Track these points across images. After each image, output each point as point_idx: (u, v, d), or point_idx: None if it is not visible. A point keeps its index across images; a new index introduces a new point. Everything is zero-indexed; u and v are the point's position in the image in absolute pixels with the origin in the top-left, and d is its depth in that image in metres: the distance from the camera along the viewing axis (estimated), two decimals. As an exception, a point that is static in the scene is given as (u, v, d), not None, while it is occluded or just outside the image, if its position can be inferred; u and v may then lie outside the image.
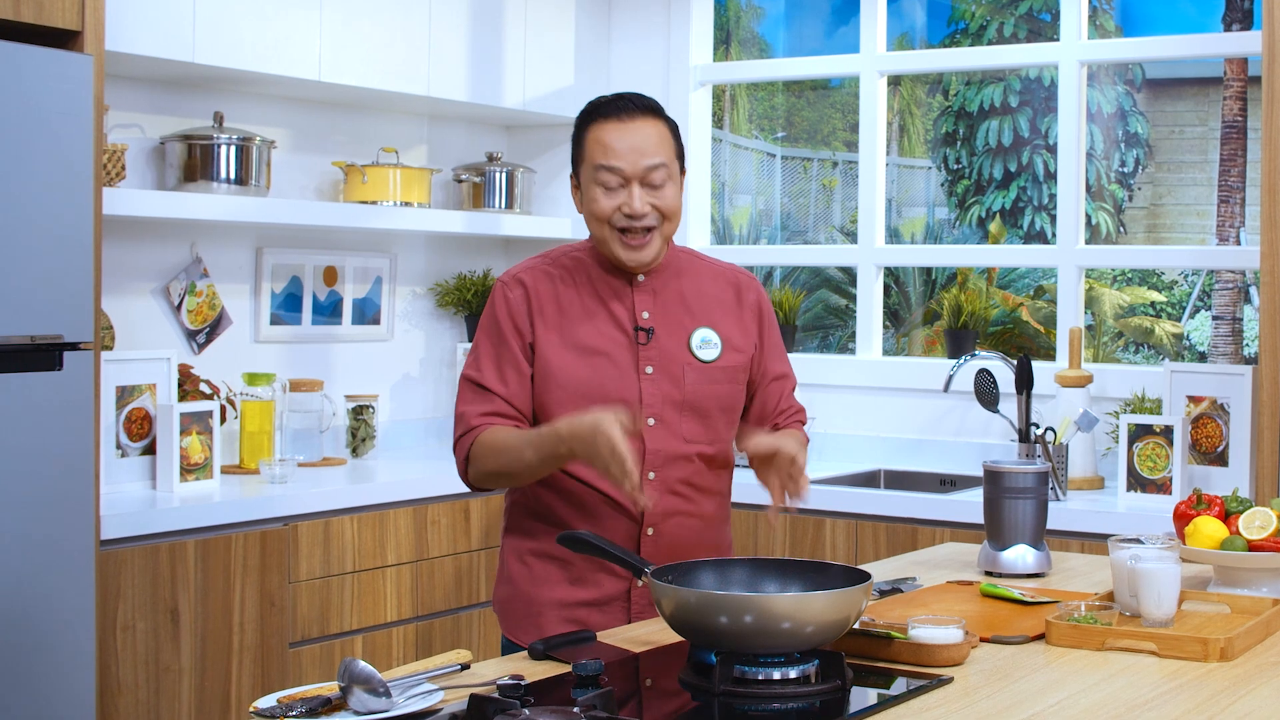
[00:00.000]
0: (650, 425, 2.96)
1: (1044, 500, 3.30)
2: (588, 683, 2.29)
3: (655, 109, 3.01)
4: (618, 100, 2.99)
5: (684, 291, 3.06)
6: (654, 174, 2.93)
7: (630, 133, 2.94)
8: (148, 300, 4.84)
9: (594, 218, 2.96)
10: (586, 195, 2.97)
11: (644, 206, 2.93)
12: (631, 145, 2.93)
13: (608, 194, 2.93)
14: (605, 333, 2.98)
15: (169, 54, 4.49)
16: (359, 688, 2.21)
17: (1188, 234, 10.39)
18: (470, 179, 5.64)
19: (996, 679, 2.46)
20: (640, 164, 2.92)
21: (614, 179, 2.92)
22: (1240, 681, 2.47)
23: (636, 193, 2.92)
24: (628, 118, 2.95)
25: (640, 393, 2.96)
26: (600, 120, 2.96)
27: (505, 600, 3.07)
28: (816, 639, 2.36)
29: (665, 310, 3.03)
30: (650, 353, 2.99)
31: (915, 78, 10.70)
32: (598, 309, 3.00)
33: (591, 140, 2.96)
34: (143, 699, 4.02)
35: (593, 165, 2.94)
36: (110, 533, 3.94)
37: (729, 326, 3.07)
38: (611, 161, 2.92)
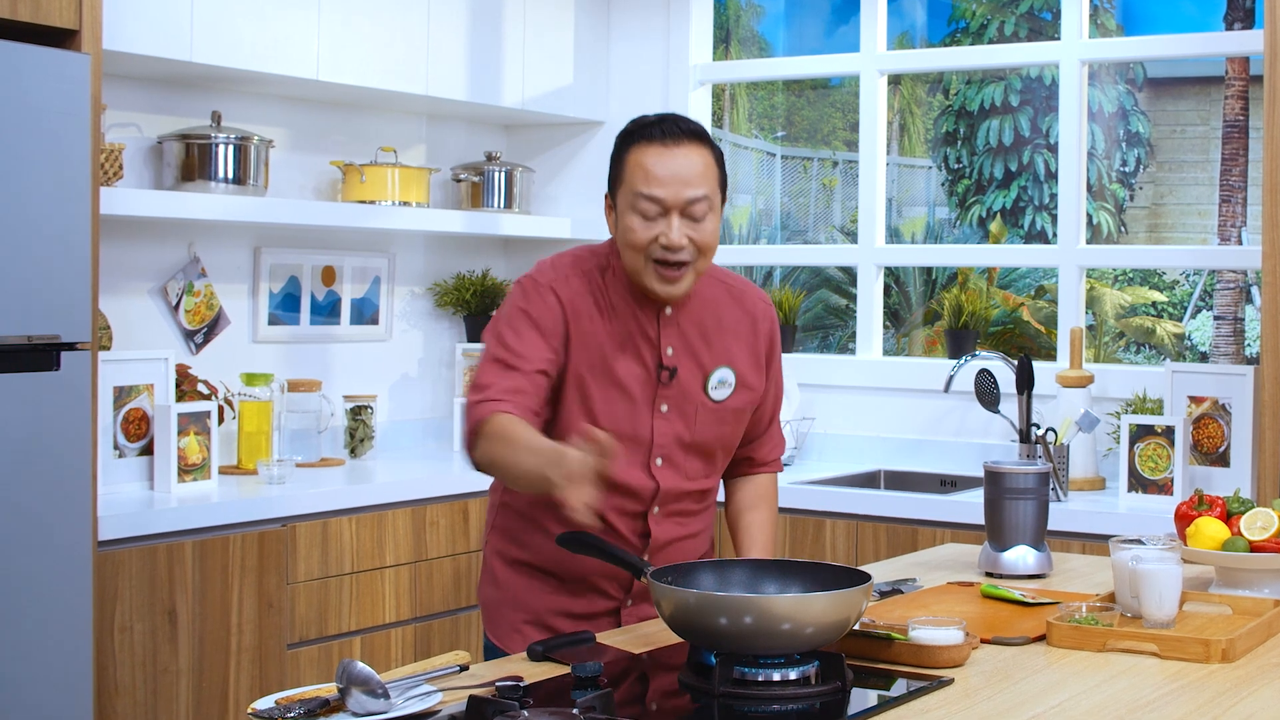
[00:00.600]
0: (658, 465, 2.92)
1: (1045, 501, 3.30)
2: (587, 684, 2.29)
3: (701, 134, 2.87)
4: (662, 123, 2.85)
5: (706, 324, 2.96)
6: (695, 206, 2.80)
7: (674, 159, 2.80)
8: (145, 300, 4.83)
9: (629, 246, 2.83)
10: (623, 222, 2.84)
11: (682, 239, 2.80)
12: (674, 173, 2.79)
13: (646, 223, 2.80)
14: (629, 368, 2.88)
15: (166, 53, 4.48)
16: (357, 689, 2.20)
17: (1189, 234, 10.38)
18: (469, 178, 5.64)
19: (997, 680, 2.46)
20: (682, 195, 2.79)
21: (653, 208, 2.79)
22: (1242, 683, 2.47)
23: (675, 224, 2.79)
24: (672, 143, 2.81)
25: (653, 431, 2.90)
26: (643, 143, 2.83)
27: (493, 604, 3.03)
28: (816, 640, 2.36)
29: (688, 346, 2.93)
30: (669, 391, 2.92)
31: (916, 77, 10.69)
32: (626, 341, 2.89)
33: (633, 164, 2.82)
34: (140, 700, 4.01)
35: (632, 191, 2.81)
36: (108, 533, 3.93)
37: (744, 363, 3.01)
38: (653, 190, 2.79)
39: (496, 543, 3.03)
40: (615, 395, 2.88)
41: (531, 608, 2.95)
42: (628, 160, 2.83)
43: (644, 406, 2.90)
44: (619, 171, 2.86)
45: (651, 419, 2.90)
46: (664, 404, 2.91)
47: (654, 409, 2.91)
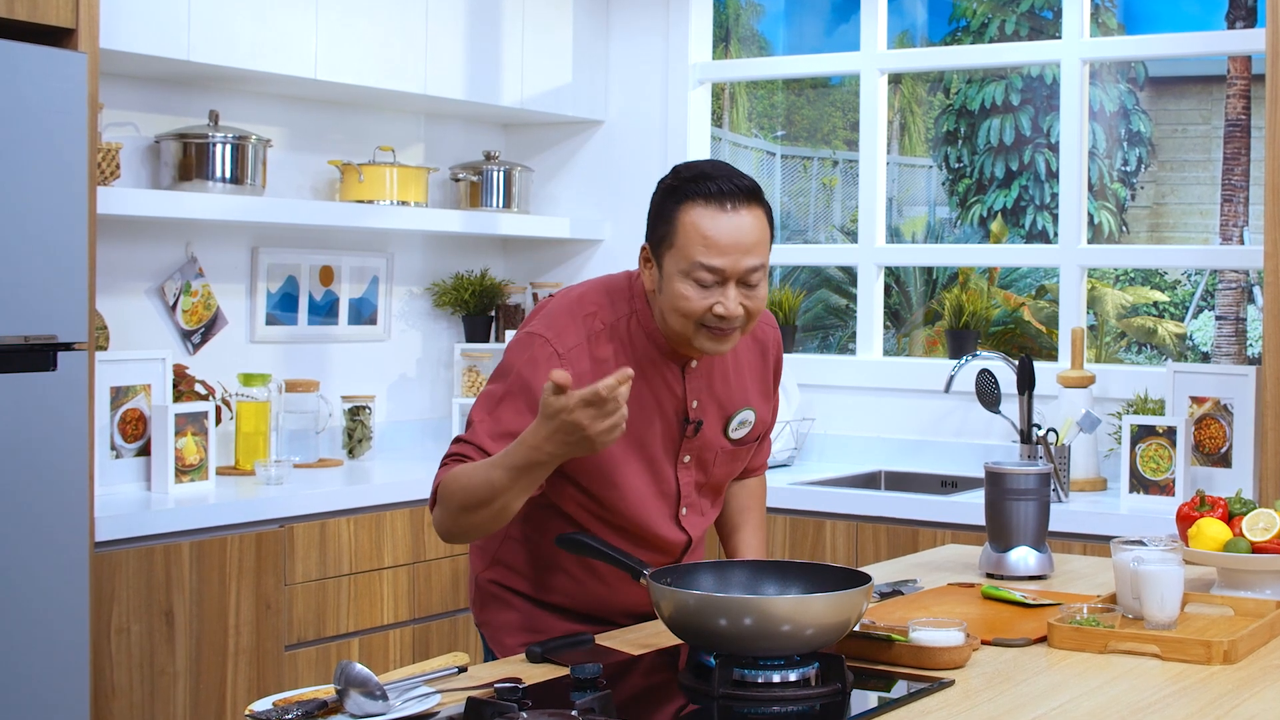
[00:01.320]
0: (684, 515, 2.88)
1: (1046, 502, 3.29)
2: (586, 685, 2.27)
3: (758, 194, 2.72)
4: (717, 179, 2.67)
5: (726, 368, 2.89)
6: (752, 275, 2.67)
7: (734, 226, 2.64)
8: (142, 300, 4.82)
9: (680, 313, 2.67)
10: (674, 288, 2.66)
11: (738, 309, 2.67)
12: (735, 241, 2.63)
13: (701, 292, 2.65)
14: (650, 421, 2.78)
15: (164, 52, 4.47)
16: (355, 691, 2.19)
17: (1191, 233, 10.37)
18: (467, 178, 5.63)
19: (998, 682, 2.46)
20: (742, 264, 2.65)
21: (711, 278, 2.64)
22: (1244, 684, 2.46)
23: (732, 295, 2.66)
24: (731, 207, 2.65)
25: (677, 483, 2.86)
26: (700, 203, 2.65)
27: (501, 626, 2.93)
28: (816, 641, 2.35)
29: (711, 396, 2.86)
30: (693, 444, 2.85)
31: (916, 76, 10.69)
32: (647, 393, 2.77)
33: (689, 226, 2.65)
34: (137, 702, 4.00)
35: (688, 259, 2.64)
36: (104, 534, 3.93)
37: (758, 398, 2.96)
38: (713, 261, 2.63)
39: (501, 575, 2.94)
40: (637, 457, 2.79)
41: (549, 629, 2.87)
42: (680, 221, 2.66)
43: (668, 463, 2.84)
44: (668, 231, 2.68)
45: (676, 472, 2.85)
46: (686, 455, 2.86)
47: (677, 462, 2.85)
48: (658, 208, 2.72)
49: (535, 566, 2.90)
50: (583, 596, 2.89)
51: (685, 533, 2.88)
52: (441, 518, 2.66)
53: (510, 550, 2.93)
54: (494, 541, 2.94)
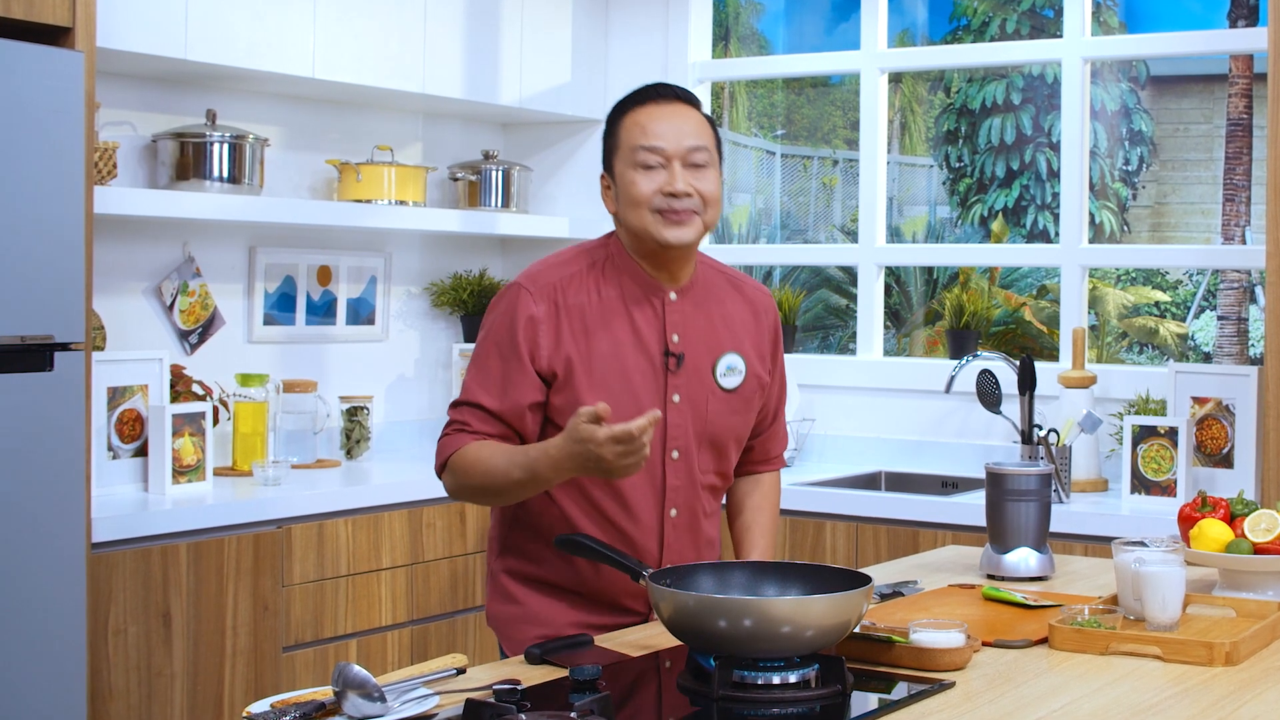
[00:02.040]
0: (674, 459, 2.88)
1: (1047, 502, 3.29)
2: (585, 687, 2.28)
3: (694, 99, 2.91)
4: (656, 86, 2.88)
5: (712, 313, 2.94)
6: (696, 154, 2.82)
7: (671, 115, 2.83)
8: (139, 300, 4.81)
9: (632, 203, 2.81)
10: (623, 181, 2.83)
11: (686, 186, 2.80)
12: (672, 124, 2.81)
13: (648, 174, 2.80)
14: (633, 359, 2.84)
15: (161, 51, 4.47)
16: (353, 693, 2.19)
17: (1192, 233, 10.36)
18: (466, 177, 5.62)
19: (999, 684, 2.45)
20: (683, 143, 2.81)
21: (654, 158, 2.80)
22: (1246, 686, 2.45)
23: (679, 170, 2.80)
24: (666, 102, 2.85)
25: (665, 423, 2.85)
26: (637, 105, 2.86)
27: (511, 620, 2.95)
28: (816, 643, 2.35)
29: (694, 333, 2.90)
30: (678, 380, 2.87)
31: (916, 75, 10.69)
32: (628, 332, 2.85)
33: (628, 124, 2.84)
34: (134, 704, 3.99)
35: (630, 148, 2.82)
36: (101, 535, 3.92)
37: (751, 352, 2.98)
38: (652, 141, 2.80)
39: (510, 562, 2.96)
40: (621, 389, 2.82)
41: (553, 622, 2.88)
42: (623, 124, 2.85)
43: (655, 398, 2.85)
44: (614, 140, 2.86)
45: (665, 410, 2.85)
46: (675, 394, 2.87)
47: (666, 399, 2.86)
48: (606, 130, 2.90)
49: (538, 544, 2.91)
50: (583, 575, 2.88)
51: (664, 475, 2.86)
52: (453, 486, 2.83)
53: (518, 536, 2.95)
54: (503, 529, 2.97)
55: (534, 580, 2.92)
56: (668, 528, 2.89)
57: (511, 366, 2.80)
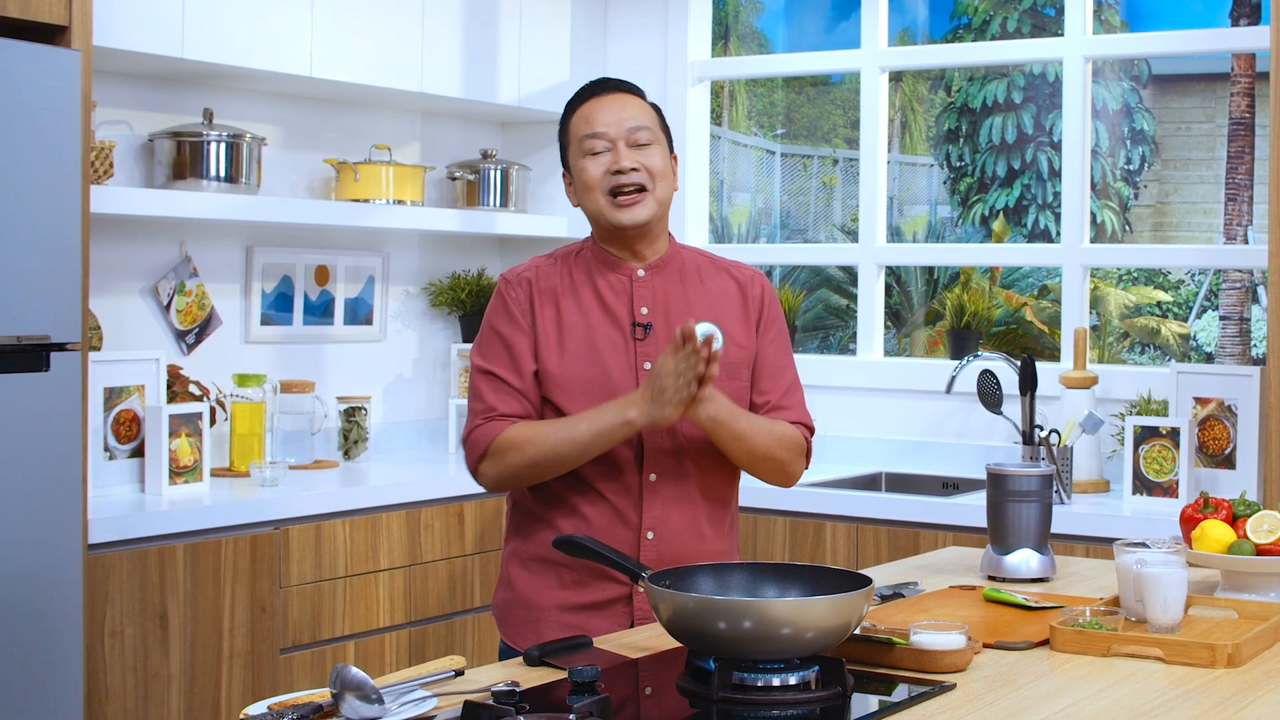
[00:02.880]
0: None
1: (1048, 503, 3.29)
2: (584, 689, 2.27)
3: (636, 89, 3.09)
4: (598, 81, 3.08)
5: (686, 287, 3.05)
6: (638, 134, 2.98)
7: (611, 103, 3.01)
8: (136, 300, 4.81)
9: (585, 188, 2.99)
10: (576, 170, 3.01)
11: (632, 163, 2.96)
12: (612, 110, 2.99)
13: (595, 159, 2.97)
14: (601, 329, 2.97)
15: (158, 49, 4.46)
16: (351, 694, 2.18)
17: (1194, 232, 10.34)
18: (464, 177, 5.61)
19: (1000, 685, 2.44)
20: (624, 126, 2.98)
21: (599, 143, 2.97)
22: (1248, 688, 2.45)
23: (623, 150, 2.96)
24: (606, 93, 3.03)
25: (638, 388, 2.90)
26: (580, 102, 3.04)
27: (504, 605, 3.06)
28: (817, 645, 2.34)
29: (665, 306, 3.01)
30: (648, 348, 2.96)
31: (917, 73, 10.67)
32: (595, 305, 2.99)
33: (575, 120, 3.02)
34: (131, 706, 3.99)
35: (578, 139, 3.00)
36: (98, 536, 3.92)
37: (731, 321, 3.03)
38: (595, 129, 2.97)
39: (512, 546, 3.07)
40: (590, 359, 2.95)
41: (540, 604, 2.98)
42: (571, 121, 3.03)
43: (625, 367, 2.95)
44: (566, 136, 3.05)
45: (637, 379, 2.95)
46: (646, 362, 2.97)
47: (637, 368, 2.96)
48: (559, 133, 3.09)
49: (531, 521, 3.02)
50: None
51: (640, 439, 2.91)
52: (497, 472, 2.94)
53: (518, 518, 3.07)
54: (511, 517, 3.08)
55: (531, 559, 3.00)
56: (647, 492, 2.94)
57: (513, 338, 2.97)
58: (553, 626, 2.94)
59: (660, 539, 2.93)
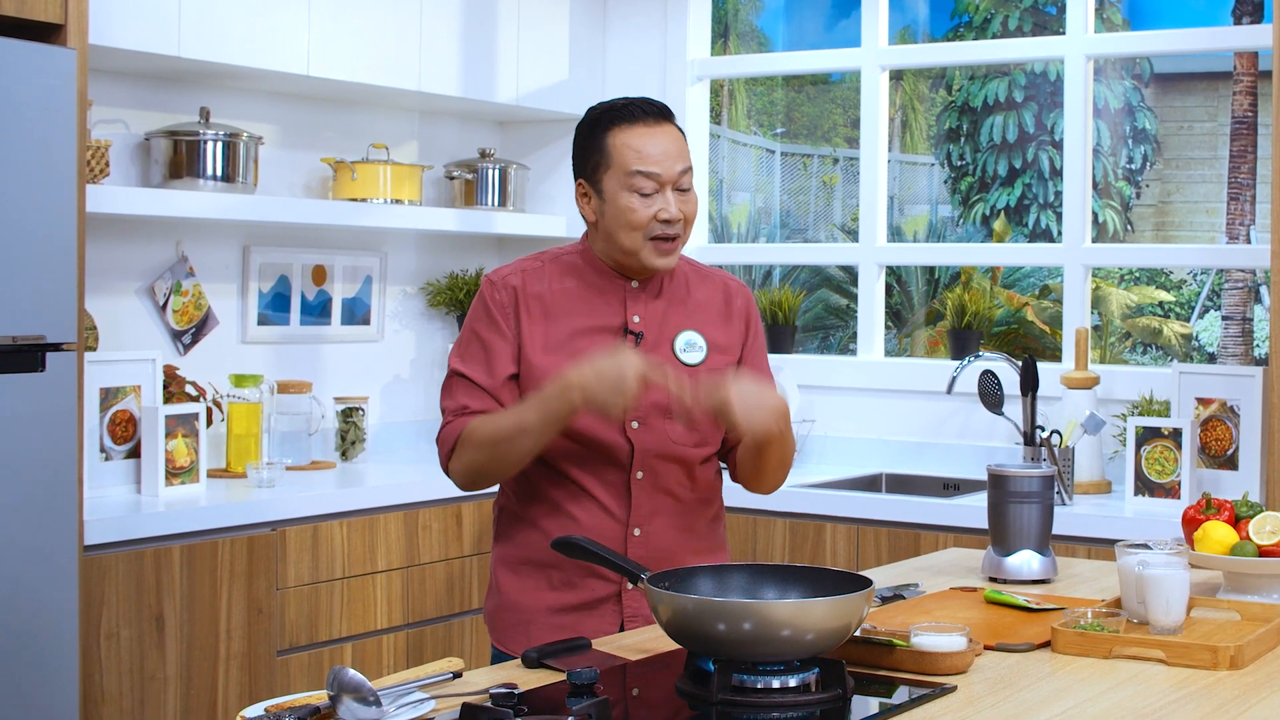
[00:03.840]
0: (635, 428, 2.93)
1: (1049, 505, 3.29)
2: (582, 691, 2.28)
3: (671, 115, 3.00)
4: (640, 104, 2.96)
5: (674, 296, 3.03)
6: (684, 178, 2.93)
7: (660, 138, 2.93)
8: (132, 300, 4.80)
9: (629, 226, 2.90)
10: (616, 203, 2.91)
11: (679, 212, 2.91)
12: (665, 150, 2.91)
13: (644, 200, 2.90)
14: (592, 337, 2.94)
15: (154, 48, 4.45)
16: (348, 697, 2.18)
17: (1197, 232, 10.34)
18: (462, 176, 5.60)
19: (1001, 688, 2.44)
20: (675, 169, 2.91)
21: (650, 185, 2.90)
22: (1250, 690, 2.45)
23: (672, 198, 2.91)
24: (654, 123, 2.94)
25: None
26: (626, 125, 2.93)
27: (494, 611, 3.05)
28: (817, 647, 2.34)
29: (655, 315, 2.99)
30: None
31: (918, 72, 10.66)
32: (587, 312, 2.97)
33: (619, 145, 2.92)
34: (127, 708, 3.98)
35: (626, 171, 2.90)
36: (94, 538, 3.91)
37: (715, 330, 3.04)
38: (649, 167, 2.89)
39: (499, 551, 3.06)
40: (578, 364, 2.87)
41: (530, 607, 2.98)
42: (612, 143, 2.92)
43: None
44: (601, 156, 2.93)
45: None
46: None
47: None
48: (586, 141, 2.97)
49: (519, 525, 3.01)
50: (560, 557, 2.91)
51: (629, 441, 2.92)
52: (464, 467, 2.92)
53: (505, 523, 3.06)
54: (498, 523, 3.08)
55: (518, 562, 3.00)
56: (634, 489, 2.93)
57: (492, 341, 2.94)
58: (544, 629, 2.94)
59: (647, 536, 2.94)
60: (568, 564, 2.93)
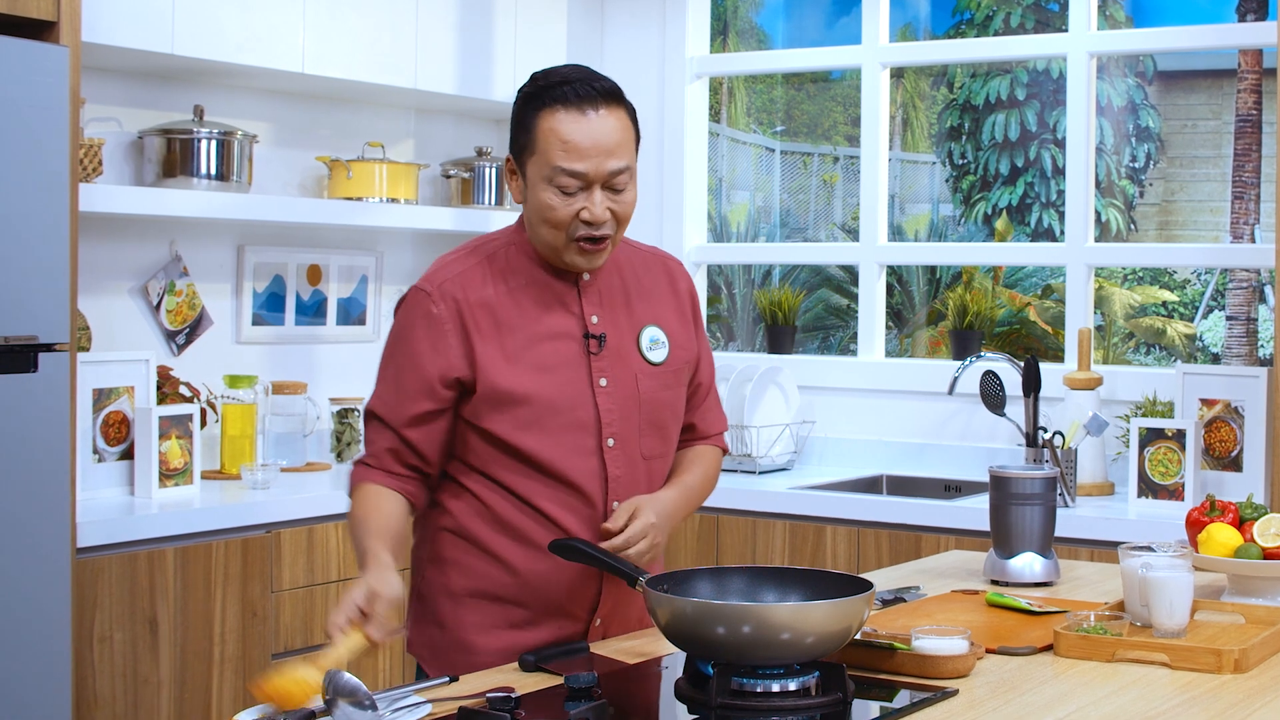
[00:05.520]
0: (610, 446, 2.74)
1: (1052, 507, 3.29)
2: (580, 695, 2.28)
3: (616, 94, 2.70)
4: (576, 85, 2.66)
5: (626, 285, 2.82)
6: (617, 178, 2.66)
7: (592, 127, 2.63)
8: (125, 300, 4.79)
9: (547, 224, 2.66)
10: (538, 198, 2.66)
11: (605, 213, 2.65)
12: (595, 143, 2.63)
13: (566, 199, 2.64)
14: (553, 345, 2.72)
15: (147, 45, 4.44)
16: (344, 700, 2.18)
17: (1200, 231, 10.34)
18: (459, 174, 5.59)
19: (1003, 691, 2.44)
20: (605, 167, 2.64)
21: (574, 183, 2.63)
22: (1255, 694, 2.44)
23: (598, 198, 2.64)
24: (589, 107, 2.64)
25: (597, 410, 2.73)
26: (559, 108, 2.64)
27: (436, 647, 2.78)
28: (817, 650, 2.33)
29: (611, 310, 2.78)
30: (603, 362, 2.74)
31: (919, 70, 10.67)
32: (541, 317, 2.72)
33: (546, 132, 2.64)
34: (120, 712, 3.97)
35: (549, 164, 2.63)
36: (87, 540, 3.90)
37: (672, 322, 2.86)
38: (573, 165, 2.62)
39: (438, 578, 2.79)
40: (545, 380, 2.70)
41: (484, 648, 2.73)
42: (539, 127, 2.65)
43: (582, 385, 2.72)
44: (528, 139, 2.67)
45: (594, 396, 2.73)
46: (602, 378, 2.75)
47: (593, 385, 2.73)
48: (518, 116, 2.71)
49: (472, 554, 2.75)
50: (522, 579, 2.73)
51: (604, 468, 2.73)
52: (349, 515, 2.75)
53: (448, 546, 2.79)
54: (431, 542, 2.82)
55: (470, 594, 2.75)
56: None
57: (404, 374, 2.70)
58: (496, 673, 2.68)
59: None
60: (531, 600, 2.72)
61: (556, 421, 2.69)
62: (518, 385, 2.67)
